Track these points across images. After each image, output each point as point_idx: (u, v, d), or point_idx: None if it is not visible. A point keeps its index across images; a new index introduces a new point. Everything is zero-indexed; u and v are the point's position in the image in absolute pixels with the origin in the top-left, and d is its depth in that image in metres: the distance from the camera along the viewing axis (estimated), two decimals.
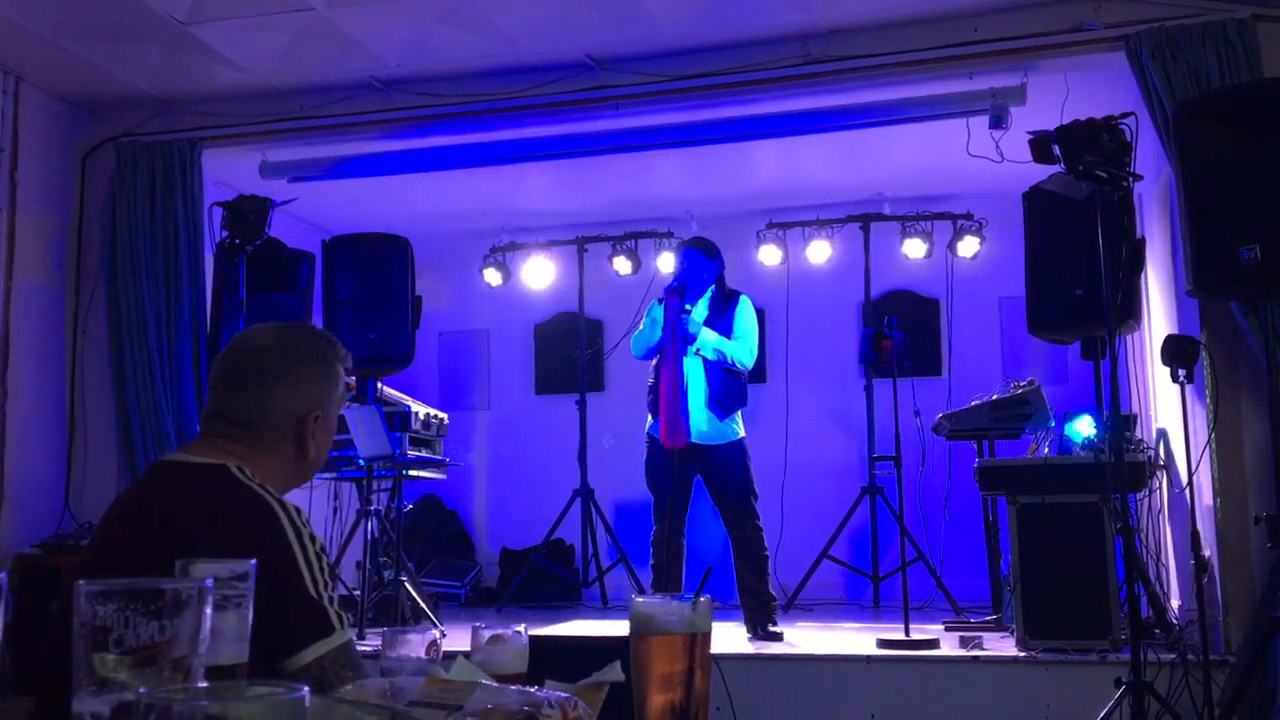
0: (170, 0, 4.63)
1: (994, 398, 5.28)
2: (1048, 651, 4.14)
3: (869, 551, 6.46)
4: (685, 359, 4.85)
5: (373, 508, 5.31)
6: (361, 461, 5.21)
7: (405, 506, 6.31)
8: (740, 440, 4.95)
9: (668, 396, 4.78)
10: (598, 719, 1.22)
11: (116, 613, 0.80)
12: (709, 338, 4.90)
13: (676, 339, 4.81)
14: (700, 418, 4.86)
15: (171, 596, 0.81)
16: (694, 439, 4.81)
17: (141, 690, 0.68)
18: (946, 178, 6.37)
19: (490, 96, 5.32)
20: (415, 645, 1.37)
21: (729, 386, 4.91)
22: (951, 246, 6.86)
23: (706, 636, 1.24)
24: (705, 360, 4.91)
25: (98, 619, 0.80)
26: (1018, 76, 4.88)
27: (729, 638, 4.74)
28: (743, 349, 4.94)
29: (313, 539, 1.66)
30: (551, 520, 6.81)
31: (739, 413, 4.98)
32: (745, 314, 5.03)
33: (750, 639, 4.78)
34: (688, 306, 4.90)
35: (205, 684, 0.81)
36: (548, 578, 6.97)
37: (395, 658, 1.37)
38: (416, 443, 5.72)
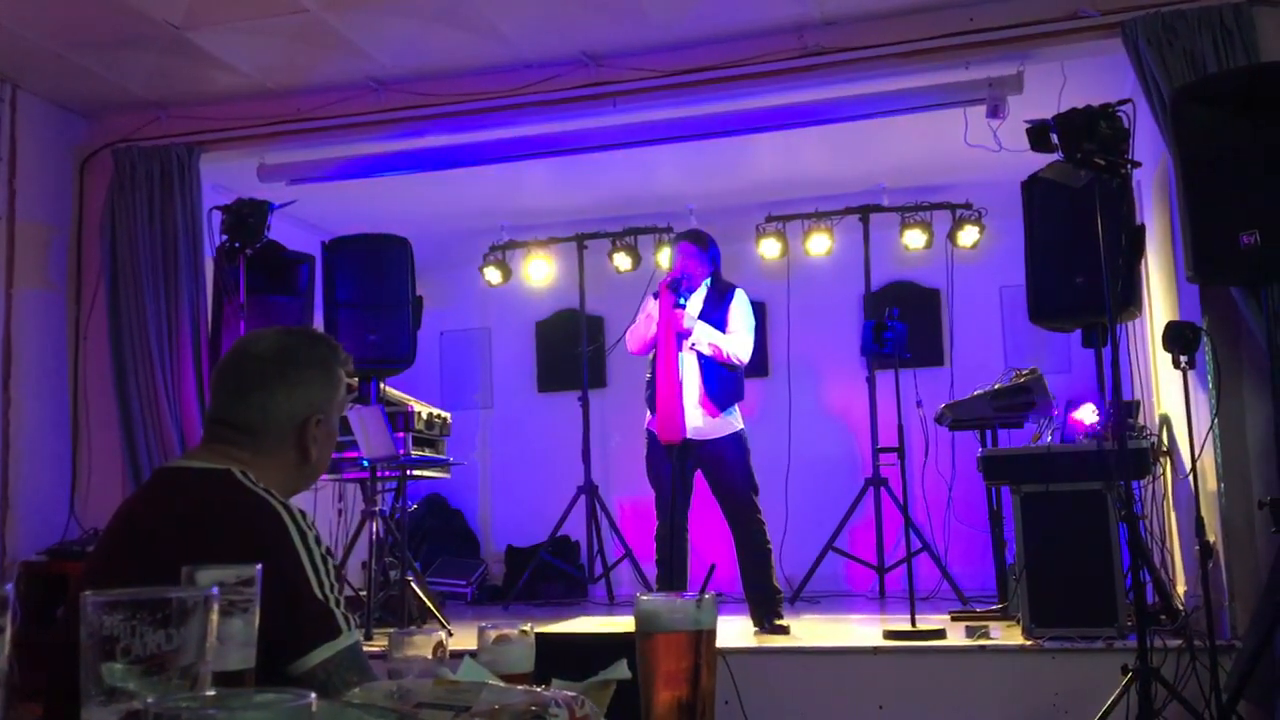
0: (166, 5, 4.63)
1: (996, 387, 5.27)
2: (1054, 640, 4.15)
3: (874, 543, 6.46)
4: (680, 354, 4.84)
5: (377, 508, 5.32)
6: (365, 463, 5.21)
7: (410, 507, 6.32)
8: (738, 433, 4.92)
9: (663, 392, 4.78)
10: (605, 717, 1.22)
11: (123, 622, 0.80)
12: (703, 333, 4.89)
13: (671, 334, 4.81)
14: (695, 413, 4.84)
15: (178, 605, 0.81)
16: (690, 434, 4.80)
17: (150, 700, 0.68)
18: (945, 168, 6.36)
19: (486, 95, 5.31)
20: (421, 646, 1.38)
21: (724, 381, 4.89)
22: (951, 236, 6.86)
23: (712, 633, 1.24)
24: (700, 355, 4.89)
25: (105, 629, 0.80)
26: (1014, 65, 4.87)
27: (735, 632, 4.75)
28: (738, 343, 4.92)
29: (318, 542, 1.66)
30: (556, 517, 6.81)
31: (736, 406, 4.95)
32: (740, 307, 5.00)
33: (756, 632, 4.78)
34: (681, 301, 4.89)
35: (213, 691, 0.81)
36: (553, 575, 6.99)
37: (402, 659, 1.37)
38: (420, 443, 5.72)
